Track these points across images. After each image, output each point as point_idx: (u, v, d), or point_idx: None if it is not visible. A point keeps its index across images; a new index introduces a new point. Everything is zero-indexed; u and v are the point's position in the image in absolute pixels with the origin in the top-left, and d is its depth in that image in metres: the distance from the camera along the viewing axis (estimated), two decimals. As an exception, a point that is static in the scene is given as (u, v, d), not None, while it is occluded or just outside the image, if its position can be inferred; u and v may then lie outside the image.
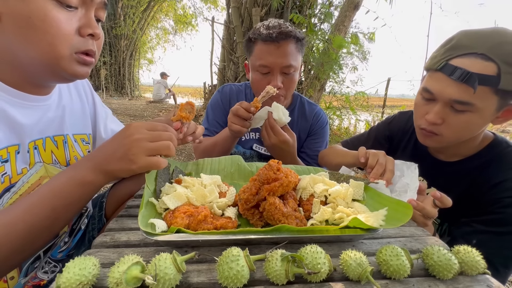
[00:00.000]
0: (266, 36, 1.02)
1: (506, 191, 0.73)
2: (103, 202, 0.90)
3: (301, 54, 1.12)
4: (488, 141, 0.83)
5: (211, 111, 1.27)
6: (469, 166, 0.83)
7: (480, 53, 0.67)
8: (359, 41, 3.72)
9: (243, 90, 1.29)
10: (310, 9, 3.89)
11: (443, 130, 0.76)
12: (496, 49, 0.66)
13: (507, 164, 0.77)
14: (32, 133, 0.64)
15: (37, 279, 0.71)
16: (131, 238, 0.54)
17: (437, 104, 0.75)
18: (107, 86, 10.44)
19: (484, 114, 0.71)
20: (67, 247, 0.80)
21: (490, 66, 0.66)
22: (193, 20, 12.31)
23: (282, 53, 1.03)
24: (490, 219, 0.74)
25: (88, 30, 0.59)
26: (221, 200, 0.61)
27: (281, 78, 1.06)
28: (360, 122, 4.99)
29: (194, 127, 0.75)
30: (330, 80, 3.99)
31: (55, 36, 0.54)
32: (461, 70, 0.68)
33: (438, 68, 0.74)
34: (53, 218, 0.53)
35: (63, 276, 0.37)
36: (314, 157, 1.23)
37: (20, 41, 0.54)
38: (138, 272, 0.39)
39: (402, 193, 0.70)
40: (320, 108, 1.30)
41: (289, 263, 0.42)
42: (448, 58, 0.72)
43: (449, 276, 0.44)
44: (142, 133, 0.56)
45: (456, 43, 0.73)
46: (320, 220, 0.58)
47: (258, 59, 1.06)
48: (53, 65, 0.57)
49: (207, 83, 5.54)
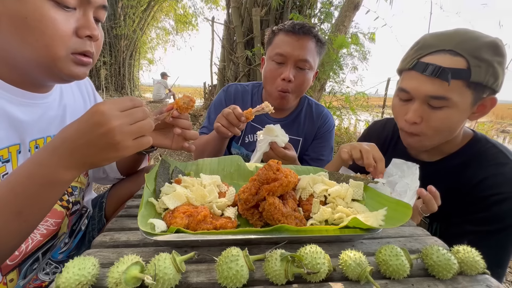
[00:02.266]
0: (289, 27, 1.05)
1: (490, 188, 0.73)
2: (103, 202, 0.90)
3: (319, 57, 1.12)
4: (468, 139, 0.84)
5: (214, 111, 1.26)
6: (450, 164, 0.83)
7: (448, 49, 0.71)
8: (359, 41, 3.72)
9: (249, 91, 1.27)
10: (310, 9, 3.89)
11: (423, 129, 0.77)
12: (462, 45, 0.69)
13: (487, 161, 0.78)
14: (33, 132, 0.64)
15: (39, 281, 0.71)
16: (131, 238, 0.54)
17: (414, 103, 0.76)
18: (107, 86, 10.44)
19: (460, 109, 0.72)
20: (67, 248, 0.80)
21: (459, 60, 0.69)
22: (193, 20, 12.30)
23: (300, 46, 1.03)
24: (477, 218, 0.74)
25: (86, 32, 0.58)
26: (220, 200, 0.62)
27: (294, 71, 1.05)
28: (360, 122, 4.99)
29: (189, 126, 0.73)
30: (330, 80, 3.99)
31: (52, 37, 0.54)
32: (433, 66, 0.71)
33: (410, 67, 0.76)
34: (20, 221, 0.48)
35: (62, 276, 0.38)
36: (317, 160, 1.21)
37: (16, 41, 0.54)
38: (137, 272, 0.39)
39: (402, 193, 0.70)
40: (328, 111, 1.28)
41: (289, 263, 0.42)
42: (418, 57, 0.75)
43: (449, 276, 0.44)
44: (118, 118, 0.48)
45: (423, 43, 0.76)
46: (319, 220, 0.58)
47: (276, 48, 1.06)
48: (49, 66, 0.57)
49: (207, 83, 5.54)
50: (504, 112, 13.71)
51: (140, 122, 0.51)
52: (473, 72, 0.68)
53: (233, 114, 0.88)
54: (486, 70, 0.68)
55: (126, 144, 0.49)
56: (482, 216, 0.73)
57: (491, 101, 0.74)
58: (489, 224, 0.72)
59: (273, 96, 1.11)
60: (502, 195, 0.71)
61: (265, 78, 1.13)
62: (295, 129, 1.22)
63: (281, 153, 0.93)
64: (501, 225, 0.71)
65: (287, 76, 1.04)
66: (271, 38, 1.13)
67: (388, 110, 6.24)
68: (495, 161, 0.77)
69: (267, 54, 1.13)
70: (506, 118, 10.50)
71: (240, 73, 4.04)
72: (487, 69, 0.68)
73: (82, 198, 0.82)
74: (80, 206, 0.82)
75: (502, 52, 0.70)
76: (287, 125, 1.19)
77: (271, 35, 1.13)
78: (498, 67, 0.69)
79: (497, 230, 0.71)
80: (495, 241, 0.72)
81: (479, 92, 0.71)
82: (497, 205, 0.71)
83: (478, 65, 0.68)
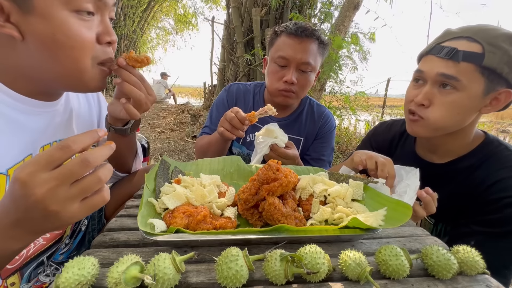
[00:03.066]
0: (291, 30, 1.05)
1: (502, 191, 0.73)
2: (102, 202, 0.90)
3: (321, 58, 1.12)
4: (479, 140, 0.83)
5: (216, 110, 1.26)
6: (461, 166, 0.82)
7: (466, 36, 0.73)
8: (359, 41, 3.72)
9: (251, 90, 1.27)
10: (310, 9, 3.89)
11: (429, 113, 0.77)
12: (481, 33, 0.72)
13: (499, 163, 0.77)
14: (42, 139, 0.64)
15: (39, 283, 0.71)
16: (130, 238, 0.54)
17: (426, 85, 0.78)
18: (107, 86, 10.45)
19: (471, 95, 0.72)
20: (68, 249, 0.80)
21: (475, 46, 0.71)
22: (193, 20, 12.30)
23: (302, 49, 1.04)
24: (487, 220, 0.74)
25: (107, 38, 0.58)
26: (220, 200, 0.61)
27: (296, 74, 1.06)
28: (360, 122, 4.99)
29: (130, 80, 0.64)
30: (330, 80, 3.98)
31: (81, 51, 0.54)
32: (448, 48, 0.74)
33: (428, 51, 0.79)
34: None
35: (62, 276, 0.37)
36: (318, 161, 1.22)
37: (45, 58, 0.53)
38: (137, 272, 0.39)
39: (402, 193, 0.70)
40: (330, 112, 1.29)
41: (288, 263, 0.42)
42: (438, 43, 0.78)
43: (448, 276, 0.44)
44: (44, 183, 0.37)
45: (445, 32, 0.79)
46: (319, 220, 0.58)
47: (278, 50, 1.07)
48: (76, 78, 0.57)
49: (207, 83, 5.54)
50: (504, 112, 13.70)
51: (81, 182, 0.39)
52: (487, 57, 0.69)
53: (236, 118, 0.87)
54: (501, 58, 0.68)
55: (69, 210, 0.39)
56: (493, 217, 0.73)
57: (506, 95, 0.72)
58: (499, 226, 0.72)
59: (275, 95, 1.12)
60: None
61: (268, 78, 1.14)
62: (296, 129, 1.23)
63: (283, 153, 0.94)
64: (511, 227, 0.70)
65: (290, 79, 1.05)
66: (273, 39, 1.13)
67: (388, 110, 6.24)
68: (508, 163, 0.76)
69: (270, 55, 1.13)
70: (506, 119, 10.48)
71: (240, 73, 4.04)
72: (502, 57, 0.68)
73: None
74: None
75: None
76: (288, 125, 1.20)
77: (274, 36, 1.13)
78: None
79: (507, 232, 0.71)
80: (505, 243, 0.71)
81: (492, 82, 0.71)
82: (508, 208, 0.71)
83: (493, 51, 0.69)
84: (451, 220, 0.83)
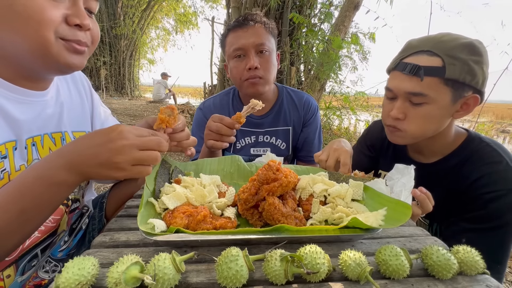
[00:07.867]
0: (234, 24, 1.09)
1: (484, 186, 0.75)
2: (103, 202, 0.90)
3: (274, 39, 1.13)
4: (462, 138, 0.86)
5: (197, 130, 1.24)
6: (447, 165, 0.85)
7: (425, 50, 0.76)
8: (359, 41, 3.72)
9: (225, 98, 1.27)
10: (310, 9, 3.89)
11: (405, 125, 0.81)
12: (439, 45, 0.75)
13: (481, 160, 0.79)
14: (30, 130, 0.63)
15: (38, 279, 0.71)
16: (130, 238, 0.54)
17: (398, 100, 0.81)
18: (107, 86, 10.43)
19: (440, 105, 0.76)
20: (67, 247, 0.80)
21: (435, 59, 0.74)
22: (193, 19, 12.30)
23: (252, 34, 1.06)
24: (474, 216, 0.76)
25: (75, 20, 0.57)
26: (220, 200, 0.62)
27: (257, 59, 1.07)
28: (360, 122, 4.99)
29: (186, 136, 0.71)
30: (330, 80, 3.98)
31: (39, 22, 0.53)
32: (411, 65, 0.77)
33: (393, 67, 0.83)
34: (23, 220, 0.49)
35: (62, 276, 0.38)
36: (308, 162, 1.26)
37: (6, 32, 0.53)
38: (137, 272, 0.39)
39: (399, 193, 0.70)
40: (309, 95, 1.29)
41: (288, 263, 0.42)
42: (401, 58, 0.81)
43: (448, 276, 0.44)
44: (130, 139, 0.50)
45: (407, 46, 0.82)
46: (319, 220, 0.58)
47: (231, 46, 1.09)
48: (43, 53, 0.56)
49: (207, 83, 5.54)
50: (504, 112, 13.71)
51: (146, 152, 0.51)
52: (448, 69, 0.72)
53: (224, 126, 0.84)
54: (461, 68, 0.72)
55: (124, 167, 0.50)
56: (479, 214, 0.75)
57: (474, 99, 0.76)
58: (486, 221, 0.74)
59: (244, 87, 1.12)
60: (497, 193, 0.73)
61: (233, 77, 1.14)
62: (282, 119, 1.23)
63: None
64: (497, 222, 0.73)
65: (252, 64, 1.05)
66: (223, 41, 1.15)
67: (388, 110, 6.24)
68: (489, 159, 0.78)
69: (227, 56, 1.14)
70: (506, 119, 10.49)
71: (240, 73, 4.03)
72: (462, 67, 0.71)
73: (82, 196, 0.82)
74: (80, 204, 0.82)
75: (479, 52, 0.73)
76: (273, 117, 1.21)
77: (222, 39, 1.16)
78: (474, 66, 0.72)
79: (494, 227, 0.73)
80: (493, 238, 0.73)
81: (458, 90, 0.74)
82: (492, 203, 0.73)
83: (452, 63, 0.72)
84: (444, 219, 0.84)
